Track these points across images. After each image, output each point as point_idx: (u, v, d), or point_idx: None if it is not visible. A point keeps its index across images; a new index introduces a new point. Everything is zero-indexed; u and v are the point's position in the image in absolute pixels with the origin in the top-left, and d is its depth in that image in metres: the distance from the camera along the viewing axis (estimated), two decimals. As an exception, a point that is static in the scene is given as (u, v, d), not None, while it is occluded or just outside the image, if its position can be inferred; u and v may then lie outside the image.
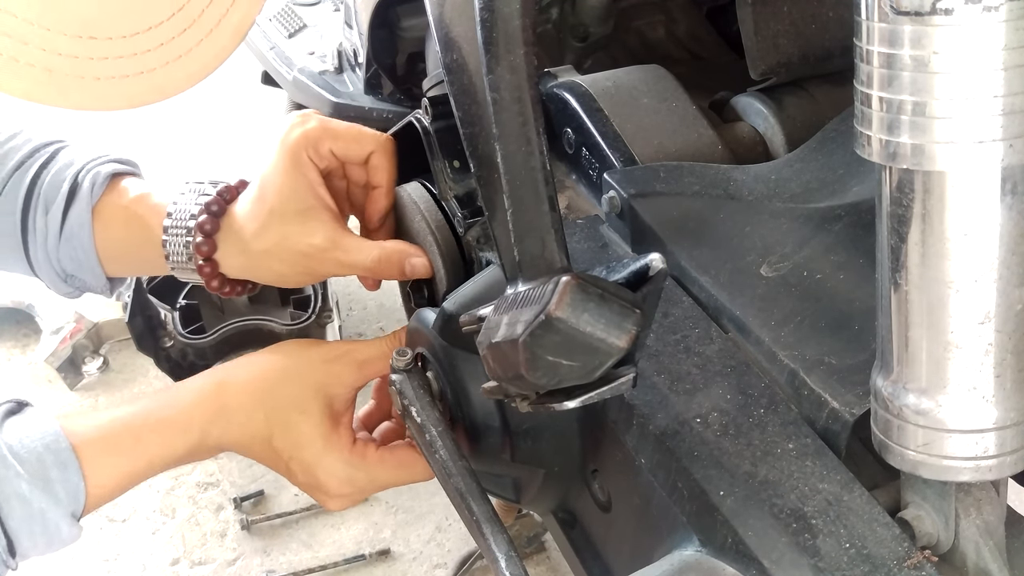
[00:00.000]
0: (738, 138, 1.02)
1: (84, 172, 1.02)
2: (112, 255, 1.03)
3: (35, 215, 1.01)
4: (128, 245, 1.02)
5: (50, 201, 1.01)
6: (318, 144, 0.96)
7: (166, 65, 0.57)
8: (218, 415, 0.90)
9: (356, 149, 0.98)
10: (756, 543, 0.63)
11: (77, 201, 1.01)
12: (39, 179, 1.02)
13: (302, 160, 0.95)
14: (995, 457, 0.60)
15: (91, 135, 2.88)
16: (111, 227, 1.02)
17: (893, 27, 0.54)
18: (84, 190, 1.01)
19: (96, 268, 1.03)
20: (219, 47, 0.59)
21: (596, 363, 0.61)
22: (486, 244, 0.96)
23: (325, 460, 0.90)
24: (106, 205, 1.01)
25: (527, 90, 0.65)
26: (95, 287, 1.06)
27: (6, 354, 2.18)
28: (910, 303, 0.59)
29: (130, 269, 1.10)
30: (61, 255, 1.02)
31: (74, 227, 1.01)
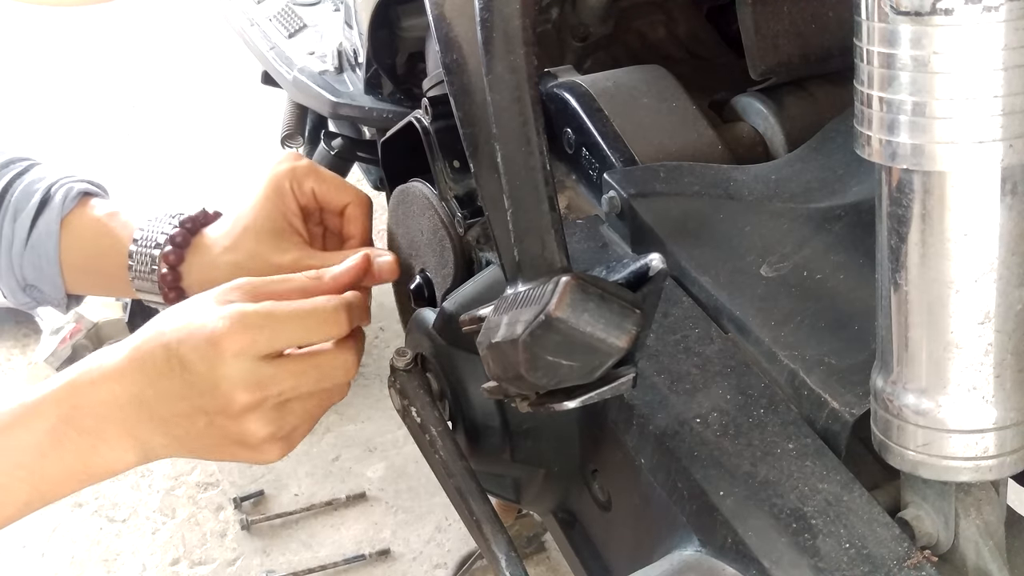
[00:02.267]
0: (738, 138, 1.02)
1: (57, 186, 1.04)
2: (76, 267, 1.04)
3: (3, 221, 1.03)
4: (93, 257, 1.04)
5: (20, 209, 1.03)
6: (303, 180, 0.99)
7: None
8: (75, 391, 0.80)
9: (336, 196, 1.01)
10: (756, 543, 0.63)
11: (47, 211, 1.03)
12: (11, 188, 1.04)
13: (284, 190, 0.99)
14: (995, 457, 0.60)
15: (93, 137, 2.87)
16: (79, 238, 1.03)
17: (893, 27, 0.54)
18: (56, 201, 1.03)
19: (57, 279, 1.05)
20: None
21: (596, 363, 0.61)
22: (486, 244, 0.96)
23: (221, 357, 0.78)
24: (76, 217, 1.04)
25: (527, 90, 0.65)
26: (52, 299, 1.08)
27: (6, 354, 2.18)
28: (910, 303, 0.59)
29: (90, 283, 1.09)
30: (24, 262, 1.04)
31: (42, 235, 1.03)
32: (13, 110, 3.10)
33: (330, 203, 1.02)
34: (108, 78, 3.27)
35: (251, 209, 0.99)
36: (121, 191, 2.73)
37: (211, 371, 0.77)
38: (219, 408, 0.78)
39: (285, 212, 0.98)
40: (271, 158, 1.02)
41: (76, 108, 3.12)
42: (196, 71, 3.27)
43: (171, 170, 2.80)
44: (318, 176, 1.00)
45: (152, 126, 3.04)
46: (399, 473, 1.86)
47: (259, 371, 0.78)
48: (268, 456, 0.82)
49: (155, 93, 3.19)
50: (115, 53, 3.43)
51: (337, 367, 0.82)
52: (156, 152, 2.90)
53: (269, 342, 0.78)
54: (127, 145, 2.94)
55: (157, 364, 0.79)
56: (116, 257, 1.02)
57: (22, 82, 3.28)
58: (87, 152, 2.89)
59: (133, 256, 1.01)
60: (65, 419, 0.79)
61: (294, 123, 1.90)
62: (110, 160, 2.85)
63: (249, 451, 0.81)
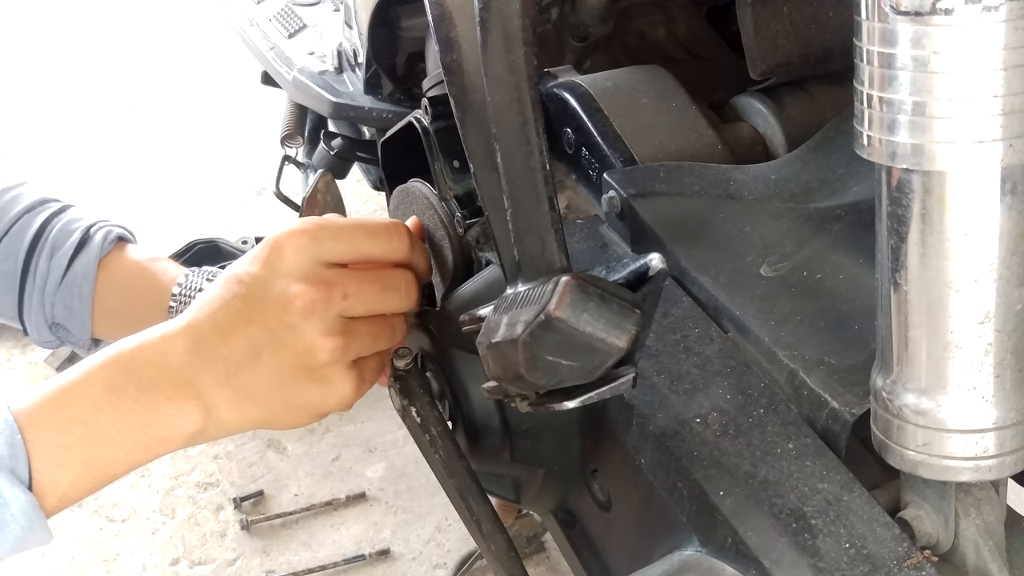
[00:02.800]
0: (738, 138, 1.02)
1: (96, 227, 1.05)
2: (108, 309, 1.05)
3: (39, 258, 1.04)
4: (129, 299, 1.05)
5: (58, 247, 1.04)
6: None
7: None
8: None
9: None
10: (756, 543, 0.63)
11: (86, 251, 1.04)
12: (49, 224, 1.05)
13: None
14: (995, 457, 0.60)
15: (94, 137, 2.87)
16: (116, 280, 1.04)
17: (893, 27, 0.54)
18: (95, 242, 1.04)
19: (86, 320, 1.05)
20: None
21: (596, 363, 0.61)
22: (486, 244, 0.96)
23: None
24: (114, 260, 1.05)
25: (527, 90, 0.65)
26: (77, 340, 1.08)
27: (6, 354, 2.18)
28: (910, 303, 0.59)
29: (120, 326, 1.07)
30: (56, 301, 1.04)
31: (77, 275, 1.03)
32: (13, 110, 3.10)
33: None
34: (108, 78, 3.27)
35: None
36: (121, 192, 2.73)
37: (271, 272, 0.75)
38: (279, 317, 0.74)
39: None
40: None
41: (76, 108, 3.12)
42: (196, 71, 3.27)
43: (171, 170, 2.80)
44: None
45: (152, 126, 3.04)
46: (399, 473, 1.86)
47: (321, 270, 0.75)
48: (339, 390, 0.77)
49: (155, 93, 3.19)
50: (115, 53, 3.43)
51: (399, 285, 0.79)
52: (156, 152, 2.90)
53: (332, 245, 0.76)
54: (127, 145, 2.94)
55: (215, 296, 0.76)
56: (154, 300, 1.03)
57: (22, 82, 3.28)
58: (87, 152, 2.89)
59: (175, 298, 1.02)
60: (121, 372, 0.74)
61: (294, 123, 1.90)
62: (110, 160, 2.85)
63: (318, 382, 0.76)
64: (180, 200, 2.67)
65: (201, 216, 2.60)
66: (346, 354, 0.76)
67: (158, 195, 2.68)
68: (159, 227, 2.52)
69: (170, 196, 2.68)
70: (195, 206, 2.65)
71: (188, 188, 2.72)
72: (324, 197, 1.42)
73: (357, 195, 2.57)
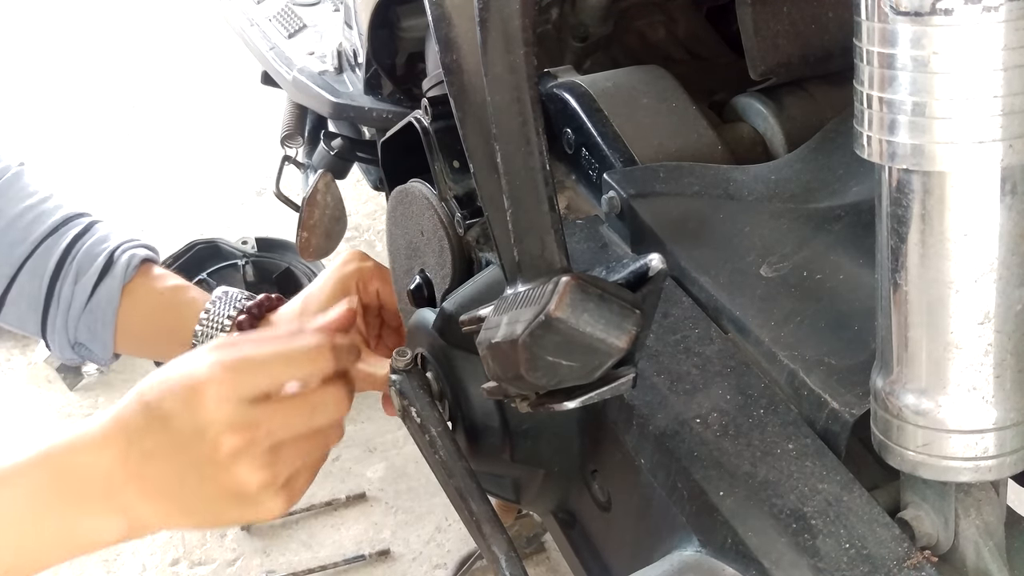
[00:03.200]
0: (738, 138, 1.02)
1: (120, 251, 1.06)
2: (131, 334, 1.06)
3: (64, 282, 1.04)
4: (153, 327, 1.06)
5: (82, 272, 1.04)
6: (368, 281, 1.05)
7: None
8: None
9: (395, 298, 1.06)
10: (756, 543, 0.63)
11: (110, 277, 1.04)
12: (74, 248, 1.05)
13: (350, 288, 1.04)
14: (995, 457, 0.60)
15: (97, 136, 2.87)
16: (140, 308, 1.05)
17: (893, 27, 0.54)
18: (119, 268, 1.05)
19: (108, 342, 1.06)
20: None
21: (596, 363, 0.60)
22: (486, 244, 0.96)
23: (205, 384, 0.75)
24: (139, 286, 1.06)
25: (527, 90, 0.65)
26: (99, 358, 1.09)
27: (6, 354, 2.18)
28: (910, 303, 0.59)
29: (141, 349, 1.11)
30: (80, 324, 1.05)
31: (101, 301, 1.04)
32: (13, 110, 3.10)
33: (392, 304, 1.07)
34: (108, 78, 3.27)
35: (316, 303, 1.03)
36: (122, 192, 2.73)
37: (195, 418, 0.74)
38: (207, 456, 0.74)
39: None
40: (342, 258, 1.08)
41: (76, 108, 3.12)
42: (196, 71, 3.27)
43: (171, 170, 2.80)
44: (384, 278, 1.06)
45: (152, 126, 3.04)
46: (399, 473, 1.86)
47: (245, 412, 0.74)
48: (269, 509, 0.77)
49: (155, 93, 3.19)
50: (115, 53, 3.43)
51: (328, 402, 0.78)
52: (156, 152, 2.90)
53: (252, 382, 0.75)
54: (127, 145, 2.94)
55: (139, 423, 0.75)
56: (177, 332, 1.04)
57: (23, 82, 3.28)
58: (87, 152, 2.89)
59: (198, 335, 1.03)
60: (46, 485, 0.75)
61: (294, 123, 1.90)
62: (110, 160, 2.85)
63: (247, 505, 0.76)
64: (180, 200, 2.67)
65: (201, 216, 2.60)
66: (276, 480, 0.76)
67: (158, 195, 2.68)
68: (159, 227, 2.52)
69: (170, 196, 2.68)
70: (195, 206, 2.65)
71: (188, 188, 2.72)
72: (324, 197, 1.42)
73: (357, 195, 2.57)
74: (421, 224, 1.02)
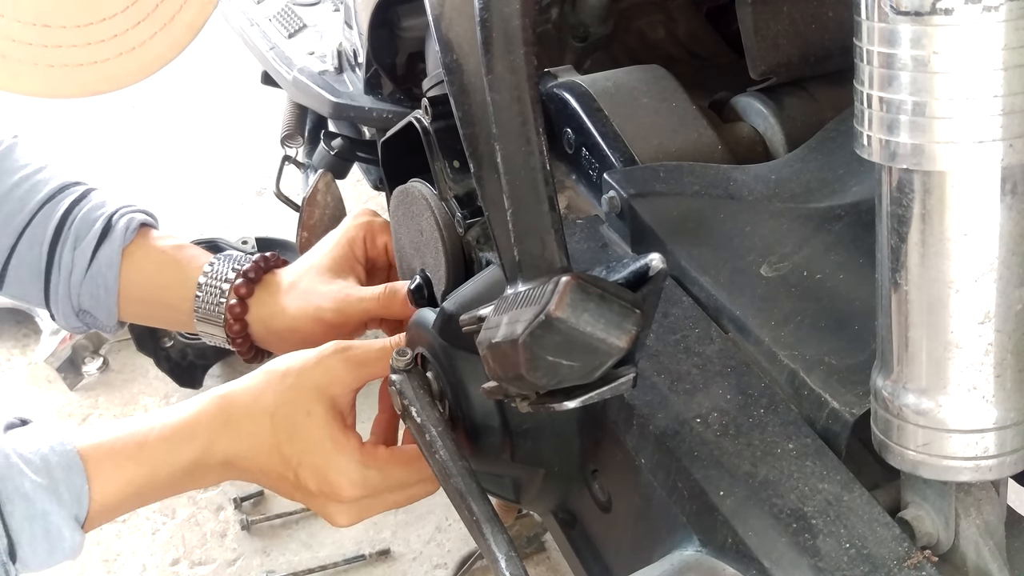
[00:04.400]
0: (738, 138, 1.02)
1: (118, 215, 1.06)
2: (135, 297, 1.06)
3: (63, 248, 1.04)
4: (156, 287, 1.06)
5: (80, 237, 1.04)
6: (377, 234, 1.08)
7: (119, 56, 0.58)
8: (225, 424, 0.89)
9: None
10: (756, 543, 0.63)
11: (109, 241, 1.04)
12: (71, 214, 1.05)
13: (356, 241, 1.07)
14: (995, 457, 0.60)
15: (98, 132, 2.86)
16: (141, 268, 1.05)
17: (893, 27, 0.54)
18: (117, 231, 1.04)
19: (113, 308, 1.06)
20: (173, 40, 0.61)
21: (596, 363, 0.60)
22: (486, 244, 0.96)
23: (336, 460, 0.88)
24: (138, 248, 1.06)
25: (527, 90, 0.65)
26: (104, 326, 1.09)
27: (6, 354, 2.18)
28: (910, 303, 0.59)
29: (147, 314, 1.12)
30: (83, 291, 1.05)
31: (102, 266, 1.04)
32: (13, 110, 3.10)
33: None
34: (108, 78, 3.27)
35: (323, 253, 1.06)
36: (122, 192, 2.72)
37: (324, 507, 0.90)
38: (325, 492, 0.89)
39: (351, 259, 1.06)
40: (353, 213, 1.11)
41: (76, 108, 3.12)
42: (196, 71, 3.27)
43: (171, 170, 2.80)
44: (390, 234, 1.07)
45: (152, 126, 3.04)
46: (399, 473, 1.86)
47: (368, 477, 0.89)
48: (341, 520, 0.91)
49: (155, 93, 3.19)
50: (115, 53, 3.42)
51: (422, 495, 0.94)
52: (156, 152, 2.90)
53: (379, 506, 0.92)
54: (127, 145, 2.94)
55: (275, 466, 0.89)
56: (181, 289, 1.04)
57: (22, 82, 3.27)
58: (87, 152, 2.89)
59: (202, 287, 1.04)
60: (199, 462, 0.88)
61: (294, 123, 1.90)
62: (110, 160, 2.85)
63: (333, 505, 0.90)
64: (180, 200, 2.67)
65: (201, 216, 2.60)
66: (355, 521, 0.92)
67: (158, 195, 2.68)
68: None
69: (170, 196, 2.68)
70: (195, 206, 2.65)
71: (188, 188, 2.72)
72: (324, 197, 1.42)
73: (357, 195, 2.57)
74: (420, 224, 1.02)
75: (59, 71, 0.57)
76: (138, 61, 0.59)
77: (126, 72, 0.59)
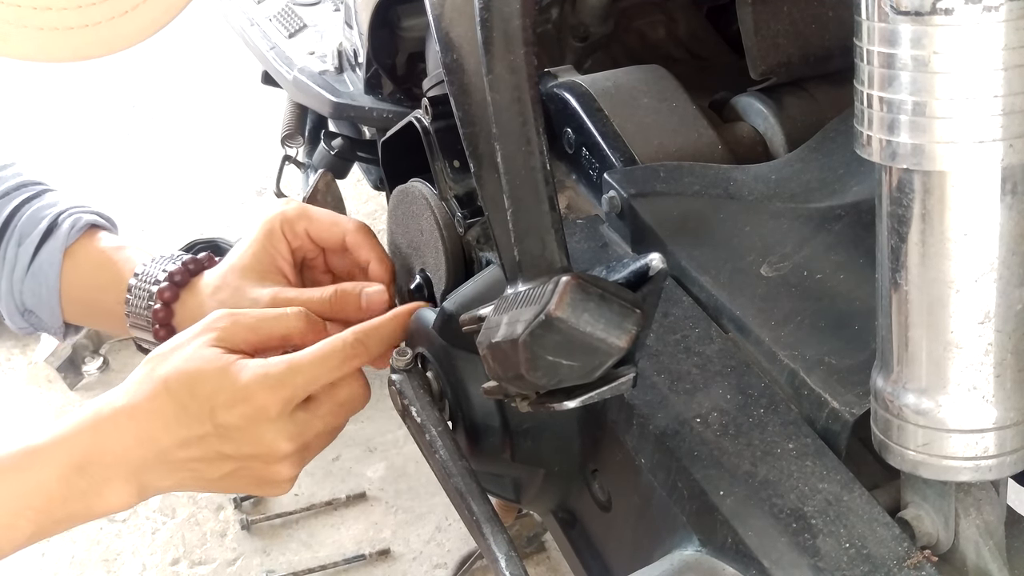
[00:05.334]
0: (738, 138, 1.02)
1: (65, 215, 1.04)
2: (75, 297, 1.04)
3: (8, 245, 1.03)
4: (93, 288, 1.04)
5: (25, 235, 1.03)
6: (294, 223, 1.00)
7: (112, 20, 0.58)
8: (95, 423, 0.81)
9: (330, 231, 1.01)
10: (756, 543, 0.63)
11: (52, 239, 1.03)
12: (20, 211, 1.04)
13: (275, 233, 1.00)
14: (995, 457, 0.60)
15: (96, 133, 2.86)
16: (80, 269, 1.03)
17: (893, 27, 0.54)
18: (62, 231, 1.03)
19: (55, 308, 1.04)
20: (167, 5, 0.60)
21: (596, 363, 0.61)
22: (486, 244, 0.96)
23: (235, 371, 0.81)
24: (81, 248, 1.03)
25: (527, 90, 0.65)
26: (50, 327, 1.08)
27: (6, 354, 2.18)
28: (910, 303, 0.59)
29: (87, 316, 1.09)
30: (24, 288, 1.04)
31: (44, 264, 1.02)
32: (13, 110, 3.10)
33: (327, 240, 1.02)
34: (108, 78, 3.27)
35: (241, 252, 1.01)
36: (122, 192, 2.73)
37: (255, 428, 0.81)
38: (259, 455, 0.82)
39: (273, 254, 1.00)
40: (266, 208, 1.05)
41: (76, 108, 3.12)
42: (196, 71, 3.27)
43: (171, 170, 2.80)
44: (308, 217, 1.01)
45: (152, 126, 3.04)
46: (399, 473, 1.86)
47: (297, 421, 0.82)
48: (282, 490, 0.86)
49: (155, 93, 3.19)
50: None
51: (355, 398, 0.86)
52: (156, 152, 2.90)
53: (303, 390, 0.82)
54: (127, 145, 2.94)
55: (180, 416, 0.81)
56: (115, 292, 1.02)
57: (22, 82, 3.28)
58: (87, 152, 2.89)
59: (131, 290, 1.01)
60: (76, 467, 0.80)
61: (294, 123, 1.90)
62: (110, 160, 2.85)
63: (266, 486, 0.85)
64: (180, 200, 2.67)
65: (201, 216, 2.60)
66: (301, 465, 0.85)
67: (158, 195, 2.68)
68: (159, 227, 2.52)
69: (170, 196, 2.68)
70: (195, 206, 2.65)
71: (188, 188, 2.72)
72: (324, 197, 1.42)
73: (357, 195, 2.57)
74: (420, 224, 1.02)
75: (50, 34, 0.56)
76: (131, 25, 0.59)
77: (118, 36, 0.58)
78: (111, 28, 0.58)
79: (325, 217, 1.02)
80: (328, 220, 1.01)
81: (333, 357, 0.83)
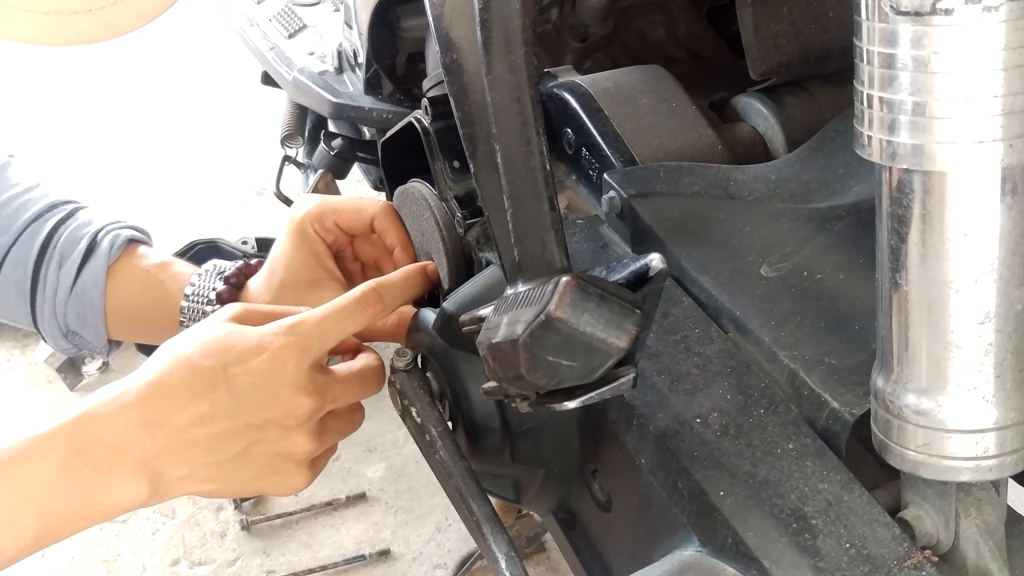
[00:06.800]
0: (738, 138, 1.02)
1: (103, 232, 1.04)
2: (121, 316, 1.04)
3: (48, 268, 1.02)
4: (141, 307, 1.03)
5: (65, 256, 1.02)
6: (322, 219, 0.99)
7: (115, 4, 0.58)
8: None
9: (357, 218, 1.00)
10: (756, 543, 0.63)
11: (94, 259, 1.02)
12: (56, 233, 1.03)
13: (309, 235, 0.99)
14: (995, 457, 0.60)
15: (94, 128, 2.86)
16: (126, 288, 1.03)
17: (893, 27, 0.54)
18: (102, 249, 1.02)
19: (100, 327, 1.04)
20: None
21: (596, 363, 0.61)
22: (486, 244, 0.96)
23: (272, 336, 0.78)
24: (123, 266, 1.03)
25: (527, 90, 0.65)
26: (94, 346, 1.07)
27: (6, 354, 2.18)
28: (910, 303, 0.59)
29: (134, 332, 1.08)
30: (68, 310, 1.03)
31: (87, 284, 1.02)
32: (13, 110, 3.10)
33: (355, 227, 1.01)
34: (108, 78, 3.27)
35: (284, 264, 0.99)
36: (122, 192, 2.73)
37: (271, 385, 0.77)
38: (277, 419, 0.77)
39: (316, 257, 0.99)
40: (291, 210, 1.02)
41: (76, 108, 3.12)
42: (196, 71, 3.27)
43: (171, 170, 2.80)
44: (334, 209, 1.00)
45: (152, 126, 3.04)
46: (399, 473, 1.86)
47: (314, 376, 0.79)
48: (296, 484, 0.81)
49: (155, 93, 3.19)
50: (115, 53, 3.42)
51: (373, 375, 0.85)
52: (156, 152, 2.90)
53: (320, 346, 0.79)
54: (127, 145, 2.94)
55: (190, 382, 0.76)
56: (165, 308, 1.01)
57: (22, 82, 3.28)
58: (87, 152, 2.89)
59: (185, 312, 1.01)
60: (77, 451, 0.74)
61: (294, 123, 1.90)
62: (110, 160, 2.85)
63: (280, 476, 0.80)
64: (180, 200, 2.67)
65: (201, 216, 2.60)
66: (316, 452, 0.81)
67: (158, 195, 2.68)
68: (159, 227, 2.51)
69: (170, 196, 2.68)
70: (195, 206, 2.65)
71: (188, 188, 2.72)
72: (324, 197, 1.41)
73: (357, 195, 2.57)
74: (420, 224, 1.02)
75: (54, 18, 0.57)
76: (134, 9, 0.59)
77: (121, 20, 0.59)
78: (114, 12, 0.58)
79: (348, 204, 1.01)
80: (352, 207, 1.01)
81: (347, 306, 0.82)
